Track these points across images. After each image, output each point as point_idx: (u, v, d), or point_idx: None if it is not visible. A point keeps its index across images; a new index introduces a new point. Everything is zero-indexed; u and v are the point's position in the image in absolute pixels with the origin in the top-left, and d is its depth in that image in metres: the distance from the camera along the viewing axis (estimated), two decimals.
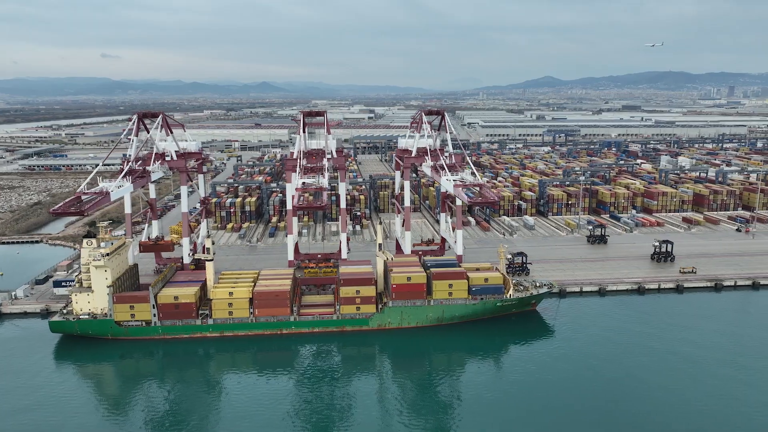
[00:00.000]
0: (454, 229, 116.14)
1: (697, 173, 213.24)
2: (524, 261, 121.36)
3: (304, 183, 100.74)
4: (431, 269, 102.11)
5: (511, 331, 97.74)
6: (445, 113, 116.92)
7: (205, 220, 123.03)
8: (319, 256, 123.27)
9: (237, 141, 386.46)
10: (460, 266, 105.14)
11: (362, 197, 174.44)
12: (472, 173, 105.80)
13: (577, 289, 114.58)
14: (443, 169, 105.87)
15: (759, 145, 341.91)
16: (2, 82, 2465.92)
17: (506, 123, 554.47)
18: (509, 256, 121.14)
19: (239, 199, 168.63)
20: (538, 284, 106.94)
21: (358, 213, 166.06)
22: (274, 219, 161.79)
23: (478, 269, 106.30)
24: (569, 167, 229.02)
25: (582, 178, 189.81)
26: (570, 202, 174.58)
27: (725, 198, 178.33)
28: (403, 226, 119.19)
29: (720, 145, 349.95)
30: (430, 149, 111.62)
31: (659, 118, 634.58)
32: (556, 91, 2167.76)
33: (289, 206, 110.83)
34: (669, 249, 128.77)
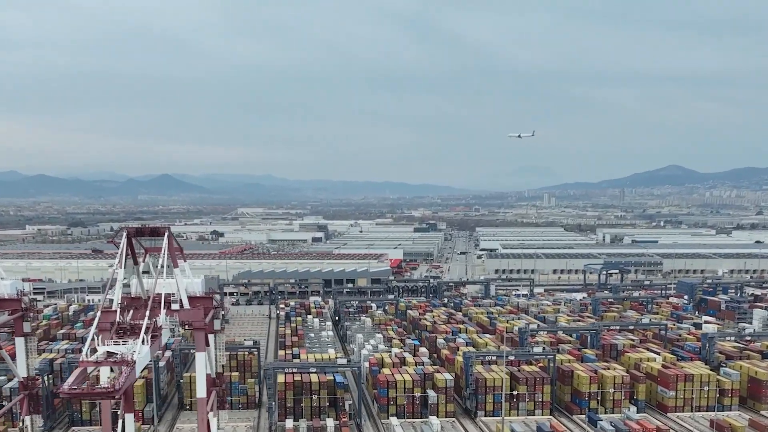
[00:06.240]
0: None
1: None
2: None
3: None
4: None
5: None
6: (170, 229, 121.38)
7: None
8: None
9: (40, 279, 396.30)
10: None
11: None
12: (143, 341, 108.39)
13: None
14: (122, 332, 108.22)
15: None
16: None
17: (539, 248, 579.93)
18: None
19: None
20: None
21: None
22: None
23: None
24: (575, 327, 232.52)
25: (539, 349, 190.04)
26: (517, 393, 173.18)
27: None
28: None
29: None
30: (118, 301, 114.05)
31: None
32: (685, 192, 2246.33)
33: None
34: None
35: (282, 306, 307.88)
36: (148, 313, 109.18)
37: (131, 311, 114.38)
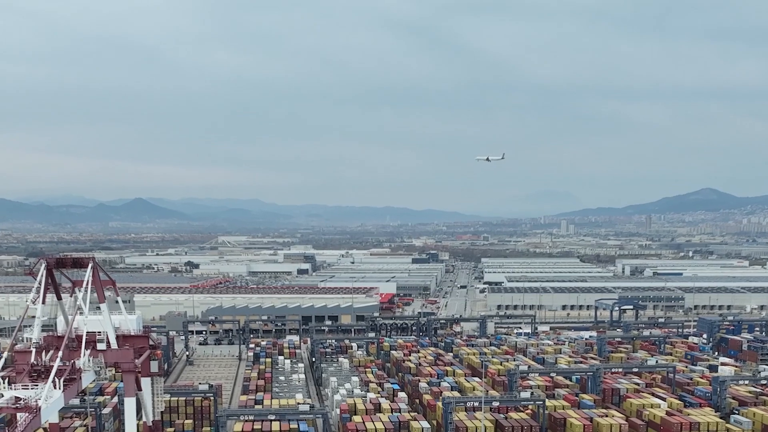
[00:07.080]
0: None
1: None
2: None
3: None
4: None
5: None
6: (95, 260, 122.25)
7: None
8: None
9: None
10: None
11: None
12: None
13: None
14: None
15: None
16: None
17: (549, 281, 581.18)
18: None
19: None
20: None
21: None
22: None
23: None
24: (571, 369, 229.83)
25: (526, 393, 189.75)
26: None
27: None
28: None
29: None
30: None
31: None
32: (720, 218, 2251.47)
33: None
34: None
35: (252, 346, 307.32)
36: (61, 353, 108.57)
37: (51, 351, 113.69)
